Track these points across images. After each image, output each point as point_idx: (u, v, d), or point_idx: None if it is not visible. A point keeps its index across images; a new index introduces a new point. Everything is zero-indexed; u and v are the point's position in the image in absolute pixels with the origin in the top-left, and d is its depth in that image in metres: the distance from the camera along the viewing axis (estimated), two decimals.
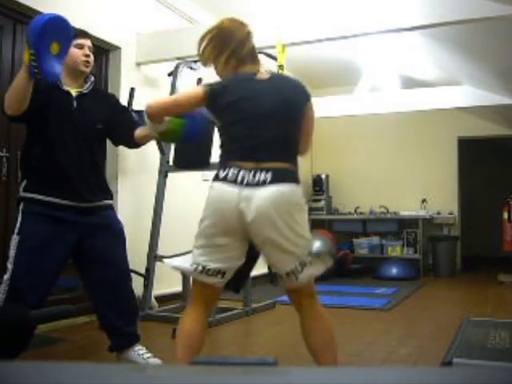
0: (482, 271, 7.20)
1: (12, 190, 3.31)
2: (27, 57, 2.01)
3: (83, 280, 2.52)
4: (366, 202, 7.49)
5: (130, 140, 2.48)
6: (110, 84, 4.22)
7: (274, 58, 3.91)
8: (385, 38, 4.86)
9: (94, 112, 2.45)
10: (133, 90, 4.02)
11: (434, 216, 7.17)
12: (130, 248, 2.61)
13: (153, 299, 3.96)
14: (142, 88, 4.26)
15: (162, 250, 3.87)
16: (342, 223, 7.42)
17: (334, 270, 6.38)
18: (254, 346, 3.19)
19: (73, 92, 2.40)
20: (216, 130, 2.02)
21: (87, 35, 2.47)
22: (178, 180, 4.33)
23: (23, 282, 2.19)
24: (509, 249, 6.35)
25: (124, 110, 2.66)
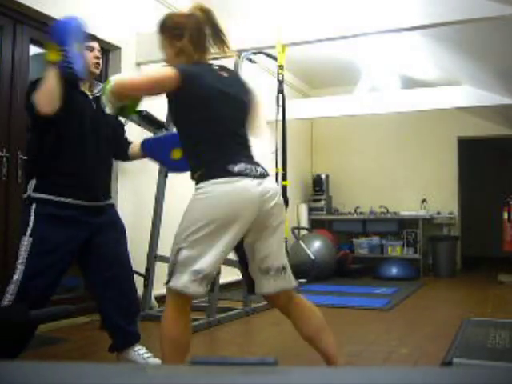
0: (482, 271, 7.20)
1: (12, 190, 3.31)
2: (55, 56, 2.09)
3: (87, 278, 2.52)
4: (366, 201, 7.49)
5: (124, 154, 2.61)
6: None
7: (274, 58, 3.91)
8: (385, 38, 4.86)
9: (107, 114, 2.47)
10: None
11: (434, 216, 7.17)
12: (130, 248, 2.61)
13: (153, 299, 3.96)
14: None
15: (161, 250, 3.87)
16: (342, 223, 7.43)
17: (334, 270, 6.39)
18: (254, 346, 3.19)
19: (89, 94, 2.43)
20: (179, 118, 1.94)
21: (96, 38, 2.55)
22: (177, 180, 4.32)
23: (33, 284, 2.18)
24: (509, 249, 6.35)
25: (122, 124, 2.73)
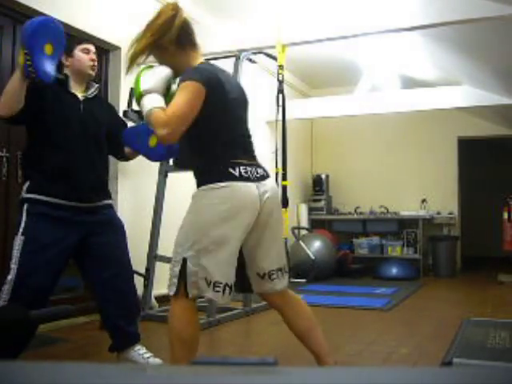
0: (482, 271, 7.20)
1: (12, 189, 3.31)
2: (22, 57, 2.03)
3: (86, 279, 2.52)
4: (366, 201, 7.49)
5: (121, 153, 2.61)
6: (110, 84, 4.22)
7: (274, 58, 3.91)
8: (385, 38, 4.86)
9: (99, 115, 2.49)
10: (133, 90, 4.02)
11: (434, 216, 7.17)
12: (130, 248, 2.61)
13: (153, 299, 3.96)
14: None
15: (161, 250, 3.87)
16: (341, 223, 7.43)
17: (334, 270, 6.39)
18: (254, 346, 3.19)
19: (79, 95, 2.42)
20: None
21: (91, 41, 2.51)
22: (178, 180, 4.33)
23: (27, 283, 2.18)
24: (509, 249, 6.35)
25: (122, 123, 2.71)
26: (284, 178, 3.93)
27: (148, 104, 1.78)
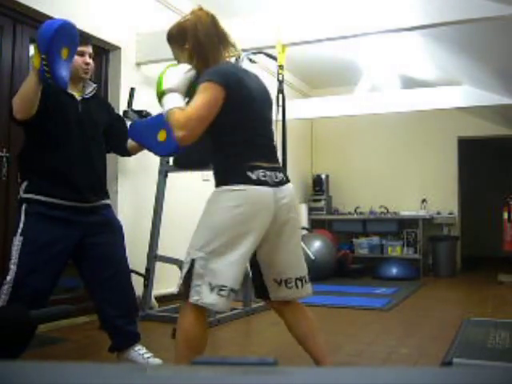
0: (481, 271, 7.20)
1: (12, 190, 3.31)
2: (38, 61, 2.01)
3: (84, 279, 2.52)
4: (366, 201, 7.49)
5: (123, 149, 2.58)
6: (110, 84, 4.22)
7: (274, 58, 3.90)
8: (385, 38, 4.86)
9: (97, 115, 2.49)
10: (133, 89, 4.02)
11: (434, 216, 7.17)
12: (130, 248, 2.61)
13: (153, 299, 3.96)
14: (142, 88, 4.26)
15: (161, 250, 3.87)
16: (341, 223, 7.43)
17: (334, 270, 6.39)
18: (254, 346, 3.19)
19: (76, 96, 2.42)
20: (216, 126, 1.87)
21: (89, 42, 2.47)
22: (178, 180, 4.33)
23: (26, 283, 2.19)
24: (509, 249, 6.35)
25: (119, 118, 2.71)
26: None
27: (169, 103, 1.80)
